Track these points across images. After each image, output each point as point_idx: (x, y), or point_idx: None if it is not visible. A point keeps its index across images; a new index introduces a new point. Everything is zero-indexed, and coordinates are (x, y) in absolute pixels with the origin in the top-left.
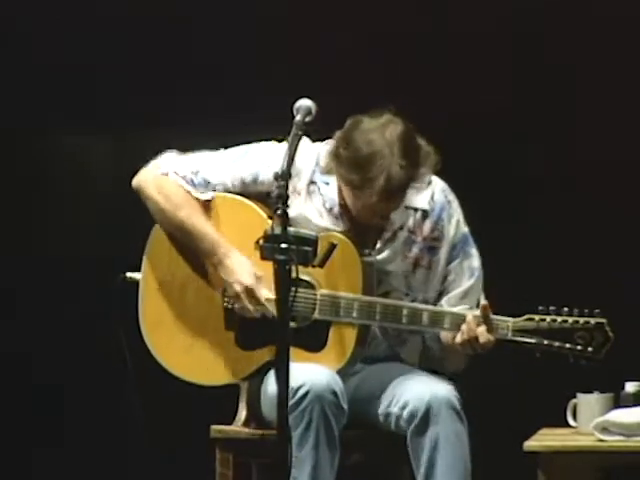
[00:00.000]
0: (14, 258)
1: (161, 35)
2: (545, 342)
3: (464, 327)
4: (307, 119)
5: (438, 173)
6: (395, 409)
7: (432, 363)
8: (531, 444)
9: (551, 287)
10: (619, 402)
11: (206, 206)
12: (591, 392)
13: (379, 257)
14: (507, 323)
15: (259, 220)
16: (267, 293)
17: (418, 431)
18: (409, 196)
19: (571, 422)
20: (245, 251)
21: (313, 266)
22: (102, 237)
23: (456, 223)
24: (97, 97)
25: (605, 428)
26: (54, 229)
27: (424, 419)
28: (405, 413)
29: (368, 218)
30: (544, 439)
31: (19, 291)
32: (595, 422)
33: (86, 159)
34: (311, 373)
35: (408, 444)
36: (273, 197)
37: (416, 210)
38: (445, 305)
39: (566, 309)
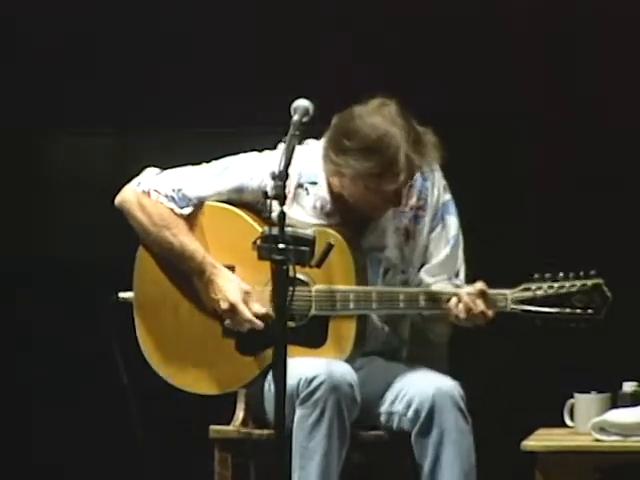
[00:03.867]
0: (13, 258)
1: (161, 36)
2: (544, 310)
3: (461, 306)
4: (304, 119)
5: None
6: (399, 407)
7: (420, 344)
8: (529, 444)
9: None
10: (616, 402)
11: (191, 218)
12: (588, 392)
13: (372, 234)
14: (505, 295)
15: (248, 227)
16: (258, 307)
17: (423, 429)
18: None
19: (568, 422)
20: (234, 259)
21: (310, 266)
22: (102, 238)
23: (438, 191)
24: (98, 97)
25: (602, 428)
26: (54, 229)
27: (429, 416)
28: (410, 412)
29: (382, 209)
30: (542, 439)
31: (18, 290)
32: (592, 422)
33: (86, 159)
34: (326, 364)
35: (412, 441)
36: (270, 197)
37: None
38: (425, 275)
39: (561, 274)
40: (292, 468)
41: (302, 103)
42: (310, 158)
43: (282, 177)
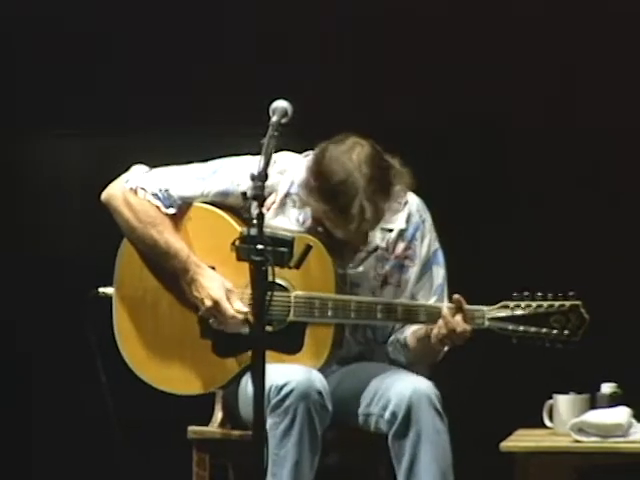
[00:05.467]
0: None
1: (146, 36)
2: (521, 328)
3: (441, 321)
4: (283, 120)
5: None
6: (376, 409)
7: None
8: (507, 445)
9: (524, 276)
10: (595, 403)
11: (176, 218)
12: (567, 393)
13: (351, 272)
14: (482, 312)
15: (230, 229)
16: (239, 305)
17: (400, 430)
18: (386, 217)
19: (547, 423)
20: (216, 260)
21: (289, 267)
22: (83, 238)
23: (428, 242)
24: (79, 98)
25: (581, 429)
26: (32, 229)
27: (406, 417)
28: (387, 414)
29: (347, 239)
30: (520, 440)
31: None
32: (571, 423)
33: (64, 160)
34: (297, 372)
35: (389, 442)
36: (249, 198)
37: (391, 230)
38: None
39: (540, 294)
40: (267, 474)
41: (281, 104)
42: (303, 168)
43: (261, 178)
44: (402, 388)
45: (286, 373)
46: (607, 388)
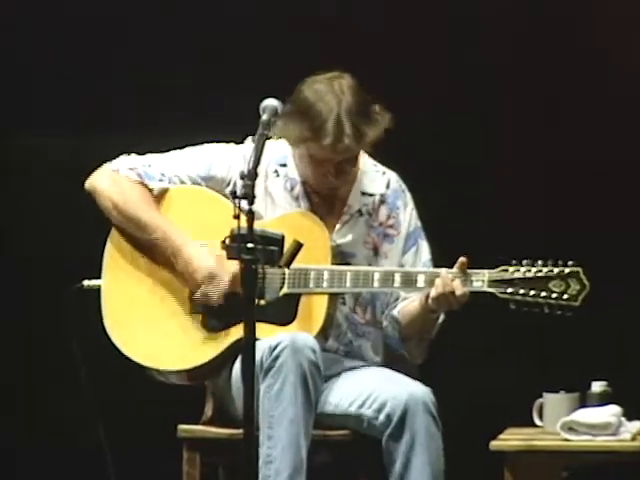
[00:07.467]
0: None
1: (126, 36)
2: (520, 291)
3: (439, 281)
4: (273, 119)
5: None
6: (369, 412)
7: (394, 359)
8: (497, 443)
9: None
10: (585, 402)
11: (161, 198)
12: (557, 392)
13: (342, 241)
14: (482, 275)
15: (218, 204)
16: (233, 265)
17: (394, 434)
18: (365, 182)
19: (537, 422)
20: (205, 236)
21: (279, 266)
22: (61, 239)
23: (410, 213)
24: (59, 99)
25: (571, 428)
26: (13, 229)
27: (401, 421)
28: (381, 416)
29: (325, 182)
30: (510, 439)
31: None
32: (561, 422)
33: (46, 160)
34: (290, 333)
35: (383, 446)
36: (239, 196)
37: (372, 195)
38: (402, 294)
39: (540, 261)
40: (260, 442)
41: (271, 102)
42: (278, 144)
43: (251, 177)
44: (398, 392)
45: (279, 335)
46: (597, 387)
